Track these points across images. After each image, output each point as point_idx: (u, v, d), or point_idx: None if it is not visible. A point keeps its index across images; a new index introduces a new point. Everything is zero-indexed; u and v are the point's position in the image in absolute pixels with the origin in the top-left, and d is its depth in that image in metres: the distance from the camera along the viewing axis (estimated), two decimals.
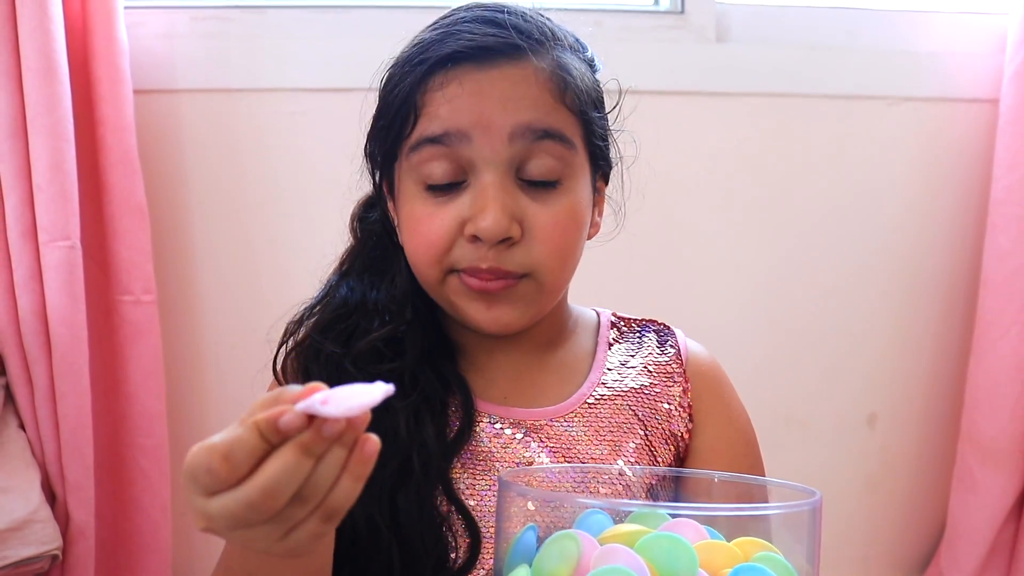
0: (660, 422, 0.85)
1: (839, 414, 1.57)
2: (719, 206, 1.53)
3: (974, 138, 1.55)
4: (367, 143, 0.86)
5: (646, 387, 0.86)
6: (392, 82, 0.82)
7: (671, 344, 0.90)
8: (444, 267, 0.79)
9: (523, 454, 0.81)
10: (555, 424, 0.83)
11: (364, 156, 0.87)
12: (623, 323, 0.92)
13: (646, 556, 0.50)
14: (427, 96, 0.78)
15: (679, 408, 0.86)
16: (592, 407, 0.84)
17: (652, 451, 0.83)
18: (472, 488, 0.80)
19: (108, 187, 1.32)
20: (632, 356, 0.89)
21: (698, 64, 1.51)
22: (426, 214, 0.79)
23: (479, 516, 0.78)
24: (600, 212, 0.89)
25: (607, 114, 0.86)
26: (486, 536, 0.78)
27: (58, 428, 1.25)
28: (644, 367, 0.88)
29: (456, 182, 0.78)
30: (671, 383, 0.87)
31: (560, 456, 0.81)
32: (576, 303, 0.93)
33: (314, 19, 1.47)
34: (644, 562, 0.48)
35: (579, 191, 0.81)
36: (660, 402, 0.86)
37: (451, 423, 0.81)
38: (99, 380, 1.31)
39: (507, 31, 0.78)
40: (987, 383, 1.49)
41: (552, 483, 0.69)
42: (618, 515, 0.56)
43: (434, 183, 0.78)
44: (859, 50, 1.55)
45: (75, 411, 1.25)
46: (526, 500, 0.55)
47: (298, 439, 0.50)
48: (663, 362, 0.88)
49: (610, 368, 0.88)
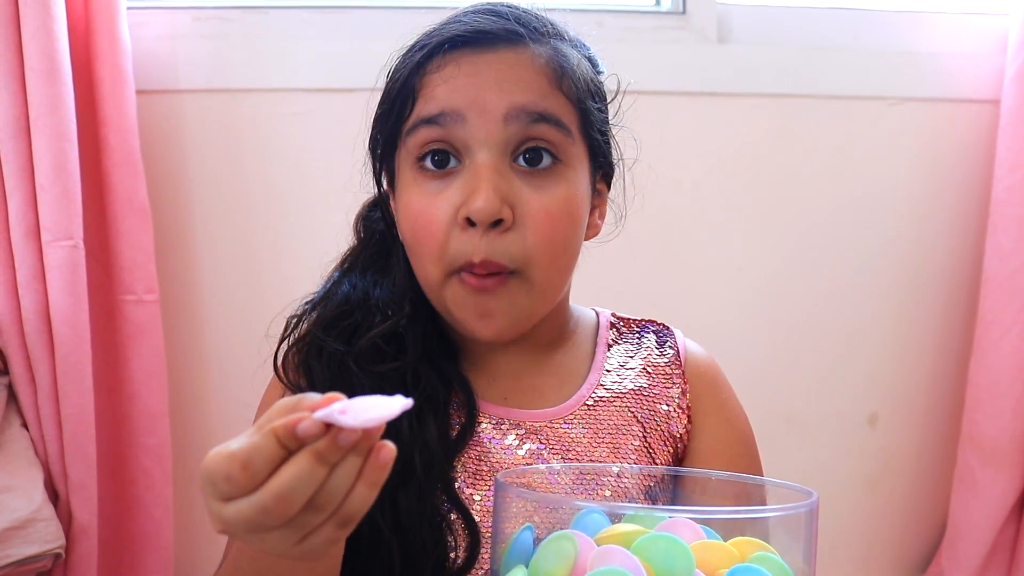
0: (659, 423, 0.85)
1: (840, 414, 1.57)
2: (720, 206, 1.53)
3: (975, 139, 1.54)
4: (371, 134, 0.86)
5: (645, 388, 0.86)
6: (395, 69, 0.83)
7: (670, 345, 0.90)
8: (445, 265, 0.78)
9: (522, 455, 0.81)
10: (555, 426, 0.83)
11: (367, 151, 0.87)
12: (622, 323, 0.92)
13: (643, 556, 0.50)
14: (425, 79, 0.79)
15: (678, 409, 0.86)
16: (591, 409, 0.84)
17: (651, 452, 0.83)
18: (472, 488, 0.80)
19: (111, 187, 1.32)
20: (631, 357, 0.89)
21: (699, 65, 1.51)
22: (423, 204, 0.79)
23: (479, 516, 0.78)
24: (602, 215, 0.88)
25: (607, 109, 0.86)
26: (485, 536, 0.78)
27: (61, 427, 1.25)
28: (643, 368, 0.88)
29: (450, 162, 0.78)
30: (670, 384, 0.87)
31: (559, 458, 0.81)
32: (577, 303, 0.93)
33: (316, 20, 1.47)
34: (641, 563, 0.48)
35: (575, 181, 0.80)
36: (659, 403, 0.86)
37: (452, 423, 0.81)
38: (102, 379, 1.32)
39: (507, 19, 0.80)
40: (988, 383, 1.49)
41: (549, 484, 0.69)
42: (615, 515, 0.56)
43: (428, 162, 0.79)
44: (860, 51, 1.55)
45: (78, 410, 1.25)
46: (523, 501, 0.55)
47: (313, 447, 0.51)
48: (662, 363, 0.88)
49: (609, 369, 0.87)
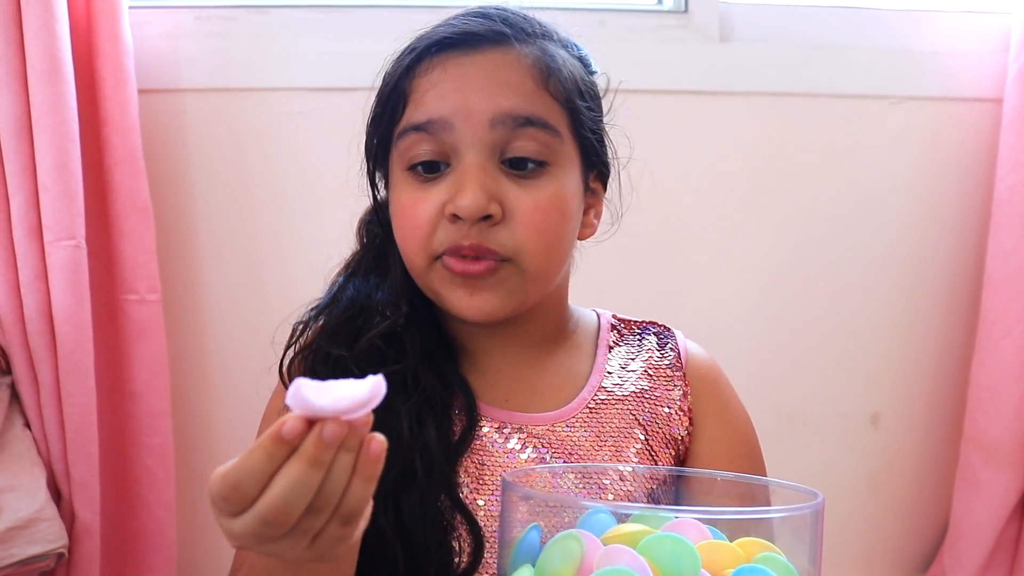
0: (660, 426, 0.85)
1: (842, 413, 1.57)
2: (722, 205, 1.53)
3: (977, 137, 1.54)
4: (366, 138, 0.87)
5: (646, 391, 0.86)
6: (387, 73, 0.84)
7: (671, 347, 0.89)
8: (429, 253, 0.79)
9: (525, 460, 0.81)
10: (557, 429, 0.83)
11: (363, 154, 0.88)
12: (623, 325, 0.92)
13: (649, 556, 0.50)
14: (414, 82, 0.81)
15: (679, 412, 0.86)
16: (593, 412, 0.84)
17: (653, 455, 0.83)
18: (476, 492, 0.80)
19: (113, 186, 1.32)
20: (632, 359, 0.89)
21: (701, 63, 1.51)
22: (411, 200, 0.80)
23: (482, 519, 0.78)
24: (597, 215, 0.88)
25: (599, 108, 0.86)
26: (489, 539, 0.77)
27: (63, 427, 1.25)
28: (644, 371, 0.88)
29: (440, 168, 0.79)
30: (671, 386, 0.87)
31: (562, 462, 0.81)
32: (580, 303, 0.93)
33: (318, 18, 1.47)
34: (647, 562, 0.48)
35: (565, 180, 0.81)
36: (660, 406, 0.86)
37: (453, 425, 0.81)
38: (104, 379, 1.32)
39: (493, 20, 0.81)
40: (990, 383, 1.49)
41: (555, 484, 0.69)
42: (621, 515, 0.56)
43: (419, 169, 0.79)
44: (863, 49, 1.54)
45: (80, 410, 1.25)
46: (529, 501, 0.55)
47: (302, 451, 0.51)
48: (663, 365, 0.88)
49: (610, 372, 0.87)
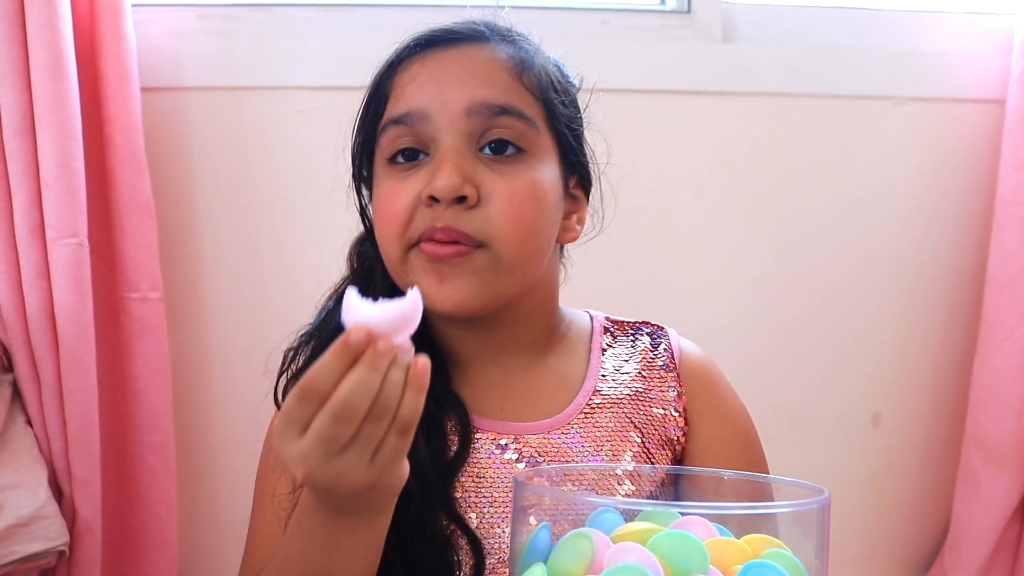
0: (656, 428, 0.84)
1: (843, 414, 1.57)
2: (724, 205, 1.53)
3: (980, 139, 1.54)
4: (352, 140, 0.88)
5: (641, 392, 0.86)
6: (373, 75, 0.86)
7: (664, 347, 0.89)
8: (405, 241, 0.79)
9: (520, 468, 0.81)
10: (552, 436, 0.82)
11: (351, 159, 0.88)
12: (616, 327, 0.91)
13: (658, 553, 0.50)
14: (395, 79, 0.83)
15: (674, 412, 0.85)
16: (588, 416, 0.84)
17: (649, 457, 0.83)
18: (475, 507, 0.79)
19: (115, 185, 1.32)
20: (626, 361, 0.88)
21: (704, 63, 1.51)
22: (390, 191, 0.80)
23: (481, 532, 0.78)
24: (580, 221, 0.88)
25: (574, 108, 0.86)
26: (490, 553, 0.77)
27: (65, 424, 1.25)
28: (639, 372, 0.87)
29: (419, 157, 0.80)
30: (665, 387, 0.86)
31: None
32: (579, 302, 0.93)
33: (321, 17, 1.47)
34: (657, 559, 0.48)
35: (542, 170, 0.81)
36: (655, 407, 0.85)
37: (448, 443, 0.81)
38: (106, 377, 1.32)
39: (473, 23, 0.84)
40: (992, 383, 1.49)
41: (562, 485, 0.69)
42: (630, 513, 0.56)
43: (398, 159, 0.81)
44: (865, 50, 1.55)
45: (82, 408, 1.25)
46: (541, 499, 0.55)
47: (363, 359, 0.58)
48: (657, 366, 0.87)
49: (604, 374, 0.87)
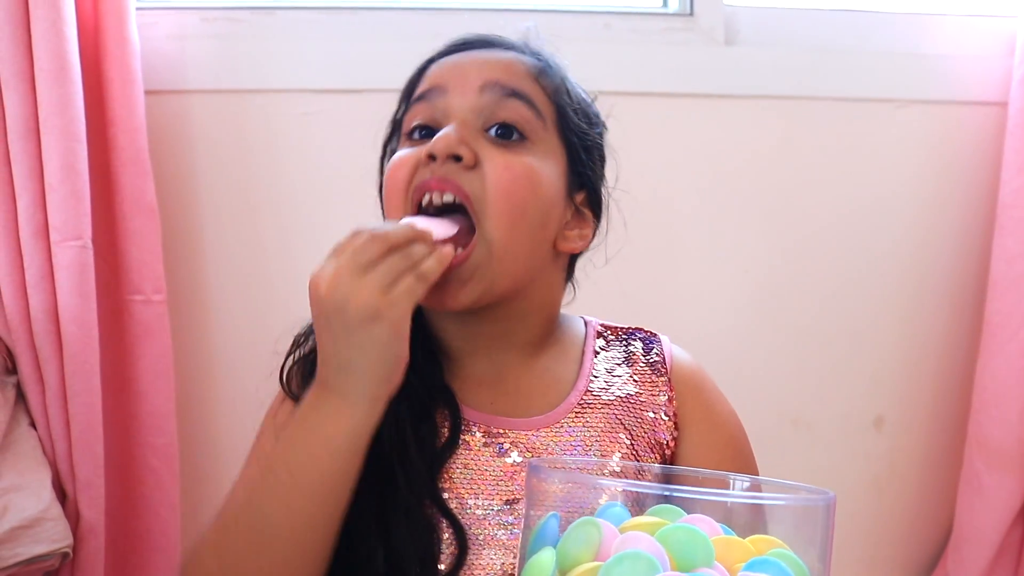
0: (645, 431, 0.84)
1: (846, 416, 1.57)
2: (727, 208, 1.53)
3: (982, 141, 1.54)
4: (383, 141, 0.90)
5: (632, 396, 0.86)
6: (408, 79, 0.89)
7: (656, 352, 0.89)
8: (410, 205, 0.81)
9: (510, 463, 0.81)
10: (541, 434, 0.83)
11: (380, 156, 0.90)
12: (609, 332, 0.92)
13: (665, 545, 0.50)
14: (424, 75, 0.87)
15: (664, 416, 0.86)
16: (579, 416, 0.84)
17: (637, 459, 0.83)
18: (460, 497, 0.80)
19: (119, 187, 1.32)
20: (619, 364, 0.88)
21: (706, 66, 1.51)
22: (399, 156, 0.83)
23: (467, 522, 0.78)
24: (583, 236, 0.88)
25: (591, 124, 0.88)
26: (473, 543, 0.78)
27: (69, 426, 1.25)
28: (630, 376, 0.88)
29: (433, 133, 0.82)
30: (656, 392, 0.87)
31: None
32: (580, 305, 0.93)
33: (325, 20, 1.47)
34: (663, 548, 0.49)
35: (543, 162, 0.82)
36: (646, 411, 0.85)
37: (438, 433, 0.81)
38: (109, 379, 1.32)
39: (505, 37, 0.88)
40: (994, 386, 1.49)
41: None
42: (634, 510, 0.57)
43: (413, 136, 0.84)
44: (867, 53, 1.55)
45: (86, 410, 1.25)
46: (552, 486, 0.57)
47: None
48: (649, 371, 0.88)
49: (596, 376, 0.87)
